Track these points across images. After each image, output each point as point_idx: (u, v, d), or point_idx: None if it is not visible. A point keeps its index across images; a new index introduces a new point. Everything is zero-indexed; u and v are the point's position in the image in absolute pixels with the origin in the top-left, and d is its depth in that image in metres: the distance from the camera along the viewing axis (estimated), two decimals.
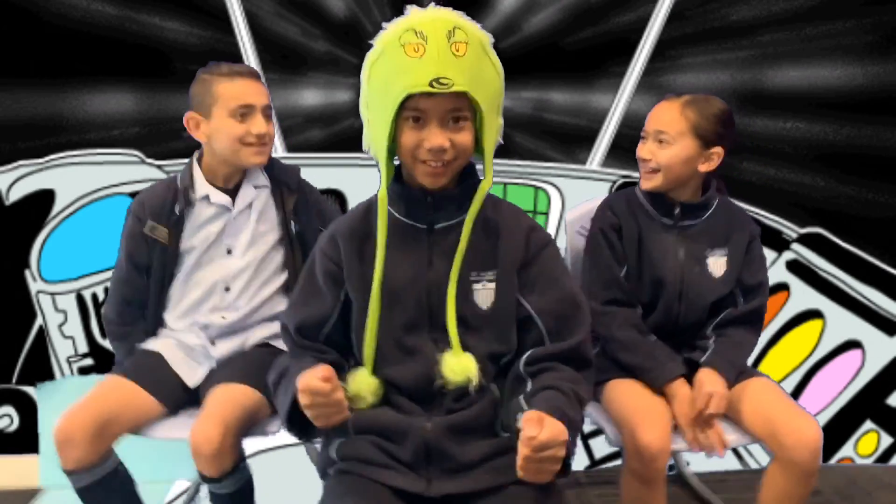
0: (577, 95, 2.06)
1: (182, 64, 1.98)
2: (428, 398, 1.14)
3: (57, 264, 2.05)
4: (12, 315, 2.07)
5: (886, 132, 2.10)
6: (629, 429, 1.41)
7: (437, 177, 1.12)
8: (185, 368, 1.55)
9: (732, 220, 1.61)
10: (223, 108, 1.50)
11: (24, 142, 2.00)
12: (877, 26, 2.04)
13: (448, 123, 1.08)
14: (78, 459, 1.38)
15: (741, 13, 2.03)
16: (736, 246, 1.58)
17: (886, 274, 2.19)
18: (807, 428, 1.38)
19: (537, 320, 1.15)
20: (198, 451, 1.35)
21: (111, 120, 2.00)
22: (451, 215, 1.17)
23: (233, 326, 1.58)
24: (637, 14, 2.03)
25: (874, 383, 2.24)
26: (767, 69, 2.08)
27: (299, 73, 2.01)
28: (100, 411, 1.40)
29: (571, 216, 1.78)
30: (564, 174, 2.09)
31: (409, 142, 1.09)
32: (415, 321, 1.14)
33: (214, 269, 1.58)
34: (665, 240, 1.58)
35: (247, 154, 1.53)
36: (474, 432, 1.12)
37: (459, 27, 1.05)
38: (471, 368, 1.11)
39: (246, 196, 1.58)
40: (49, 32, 1.94)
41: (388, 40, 1.06)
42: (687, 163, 1.52)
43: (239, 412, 1.41)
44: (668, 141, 1.51)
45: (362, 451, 1.13)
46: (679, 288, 1.56)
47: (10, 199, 2.02)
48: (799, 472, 1.38)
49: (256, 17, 1.98)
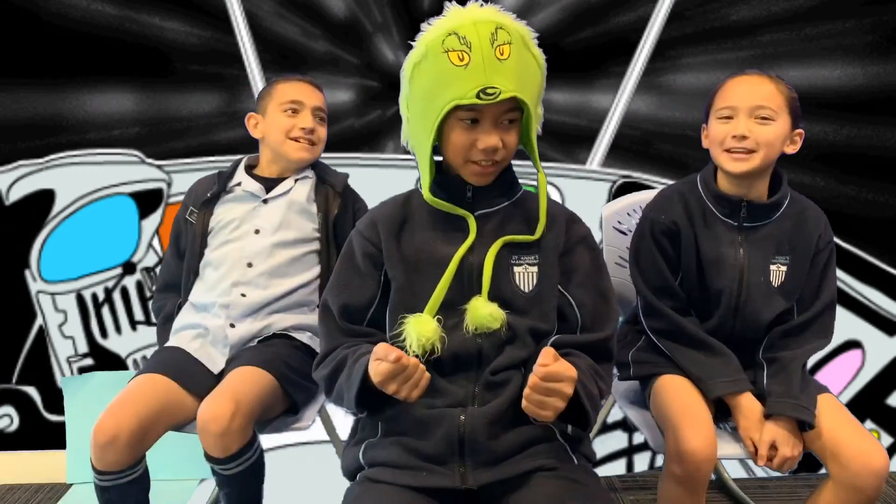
0: (577, 95, 2.06)
1: (182, 64, 1.98)
2: (467, 367, 1.13)
3: (57, 264, 2.06)
4: (12, 315, 2.07)
5: (886, 132, 2.10)
6: (673, 432, 1.32)
7: (487, 176, 1.15)
8: (205, 355, 1.53)
9: (803, 221, 1.44)
10: (276, 104, 1.61)
11: (24, 142, 2.00)
12: (877, 26, 2.04)
13: (500, 124, 1.10)
14: (116, 461, 1.34)
15: (741, 13, 2.03)
16: (801, 253, 1.43)
17: (886, 274, 2.19)
18: (875, 453, 1.28)
19: (577, 311, 1.17)
20: (204, 428, 1.32)
21: (111, 120, 2.01)
22: (491, 203, 1.19)
23: (252, 307, 1.55)
24: (637, 14, 2.03)
25: (874, 383, 2.24)
26: (767, 69, 2.05)
27: (299, 73, 2.01)
28: (144, 411, 1.36)
29: (608, 211, 1.75)
30: (564, 174, 2.09)
31: (460, 142, 1.10)
32: (454, 300, 1.13)
33: (240, 246, 1.58)
34: (725, 244, 1.42)
35: (292, 148, 1.61)
36: (509, 421, 1.11)
37: (502, 26, 1.05)
38: (496, 310, 1.11)
39: (284, 186, 1.63)
40: (49, 32, 1.94)
41: (432, 44, 1.06)
42: (783, 143, 1.39)
43: (252, 394, 1.38)
44: (770, 117, 1.35)
45: (390, 455, 1.11)
46: (736, 301, 1.42)
47: (10, 199, 2.02)
48: (860, 497, 1.29)
49: (256, 17, 1.98)
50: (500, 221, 1.18)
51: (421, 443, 1.10)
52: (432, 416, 1.10)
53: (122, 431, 1.32)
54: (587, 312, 1.17)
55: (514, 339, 1.15)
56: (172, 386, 1.43)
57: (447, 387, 1.13)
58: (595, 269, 1.20)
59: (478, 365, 1.14)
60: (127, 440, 1.33)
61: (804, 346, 1.42)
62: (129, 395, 1.39)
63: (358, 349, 1.13)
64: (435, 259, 1.15)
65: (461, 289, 1.14)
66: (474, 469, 1.08)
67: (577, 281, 1.18)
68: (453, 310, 1.13)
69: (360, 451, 1.15)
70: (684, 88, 2.05)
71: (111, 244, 2.05)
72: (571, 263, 1.18)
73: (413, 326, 1.10)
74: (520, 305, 1.15)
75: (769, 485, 2.12)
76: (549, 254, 1.17)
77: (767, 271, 1.42)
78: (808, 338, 1.44)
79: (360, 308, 1.19)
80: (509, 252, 1.15)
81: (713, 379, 1.39)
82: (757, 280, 1.42)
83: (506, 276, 1.15)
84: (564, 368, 0.99)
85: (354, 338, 1.18)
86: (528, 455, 1.10)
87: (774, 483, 2.13)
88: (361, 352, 1.11)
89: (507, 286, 1.15)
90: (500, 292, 1.14)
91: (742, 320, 1.44)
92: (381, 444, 1.13)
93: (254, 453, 1.41)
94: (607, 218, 1.75)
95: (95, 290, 2.07)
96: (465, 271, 1.14)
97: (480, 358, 1.14)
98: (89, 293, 2.07)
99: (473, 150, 1.10)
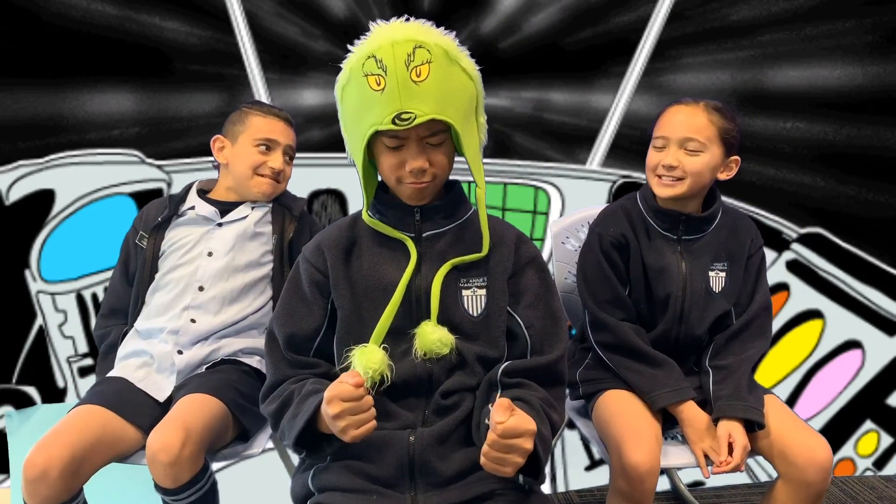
0: (577, 95, 2.06)
1: (182, 64, 1.98)
2: (417, 392, 1.13)
3: (57, 264, 2.05)
4: (12, 315, 2.07)
5: (886, 132, 2.10)
6: (616, 447, 1.35)
7: (421, 194, 1.14)
8: (151, 384, 1.48)
9: (735, 230, 1.53)
10: (249, 136, 1.61)
11: (24, 142, 2.00)
12: (877, 26, 2.04)
13: (426, 145, 1.09)
14: (49, 496, 1.27)
15: (741, 13, 2.03)
16: (736, 259, 1.52)
17: (886, 274, 2.19)
18: (818, 447, 1.33)
19: (525, 334, 1.16)
20: (154, 458, 1.27)
21: (111, 120, 2.00)
22: (437, 224, 1.17)
23: (201, 334, 1.52)
24: (637, 14, 2.03)
25: (874, 383, 2.24)
26: (767, 69, 2.07)
27: (299, 73, 2.01)
28: (76, 443, 1.29)
29: (556, 227, 1.77)
30: (564, 174, 2.08)
31: (388, 165, 1.11)
32: (402, 325, 1.14)
33: (191, 269, 1.55)
34: (668, 255, 1.50)
35: (257, 182, 1.61)
36: (457, 441, 1.10)
37: (421, 45, 1.03)
38: (446, 335, 1.11)
39: (240, 211, 1.61)
40: (49, 32, 1.94)
41: (354, 67, 1.06)
42: (713, 171, 1.45)
43: (203, 421, 1.34)
44: (696, 149, 1.43)
45: (339, 479, 1.09)
46: (681, 307, 1.49)
47: (10, 199, 2.02)
48: (809, 492, 1.34)
49: (256, 17, 1.98)
50: (448, 243, 1.17)
51: (371, 466, 1.09)
52: (382, 439, 1.09)
53: (53, 465, 1.26)
54: (536, 334, 1.16)
55: (464, 366, 1.14)
56: (111, 417, 1.38)
57: (397, 410, 1.12)
58: (545, 289, 1.19)
59: (428, 390, 1.13)
60: (58, 474, 1.26)
61: (747, 351, 1.49)
62: (61, 428, 1.33)
63: (303, 387, 1.11)
64: (382, 285, 1.14)
65: (409, 313, 1.14)
66: (425, 491, 1.07)
67: (526, 302, 1.17)
68: (402, 335, 1.13)
69: (310, 477, 1.13)
70: (684, 88, 2.05)
71: (111, 244, 2.05)
72: (521, 285, 1.18)
73: (359, 358, 1.09)
74: (468, 330, 1.14)
75: (724, 493, 2.14)
76: (498, 276, 1.16)
77: (707, 278, 1.50)
78: (749, 340, 1.50)
79: (306, 338, 1.18)
80: (458, 275, 1.15)
81: (656, 391, 1.43)
82: (699, 287, 1.49)
83: (454, 300, 1.14)
84: (523, 422, 0.94)
85: (300, 369, 1.17)
86: (478, 478, 1.08)
87: (729, 491, 2.15)
88: (307, 391, 1.09)
89: (455, 310, 1.14)
90: (448, 316, 1.13)
91: (687, 326, 1.50)
92: (331, 468, 1.11)
93: (206, 482, 1.36)
94: (556, 234, 1.77)
95: (95, 290, 2.07)
96: (413, 295, 1.14)
97: (431, 383, 1.13)
98: (89, 293, 2.07)
99: (402, 171, 1.10)
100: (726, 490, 2.16)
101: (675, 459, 1.43)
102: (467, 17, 2.01)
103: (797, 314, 2.21)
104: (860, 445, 2.27)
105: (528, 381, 1.12)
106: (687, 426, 1.42)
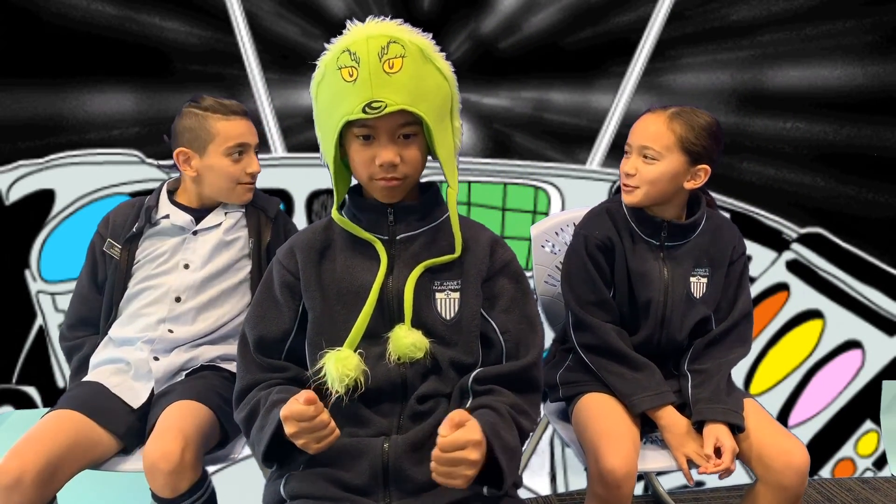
0: (577, 95, 2.06)
1: (182, 64, 1.98)
2: (392, 397, 1.12)
3: (57, 264, 2.05)
4: (12, 315, 2.07)
5: (886, 132, 2.10)
6: (594, 451, 1.34)
7: (393, 191, 1.12)
8: (126, 390, 1.45)
9: (718, 237, 1.52)
10: (219, 146, 1.51)
11: (24, 142, 2.00)
12: (877, 26, 2.04)
13: (398, 139, 1.08)
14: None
15: (741, 13, 2.03)
16: (717, 265, 1.51)
17: (886, 274, 2.19)
18: (795, 451, 1.34)
19: (501, 339, 1.15)
20: (153, 466, 1.24)
21: (111, 120, 2.00)
22: (411, 226, 1.16)
23: (178, 342, 1.50)
24: (637, 14, 2.03)
25: (874, 383, 2.24)
26: (767, 69, 2.08)
27: (299, 73, 2.01)
28: (51, 449, 1.27)
29: (537, 230, 1.76)
30: (564, 174, 2.09)
31: (360, 159, 1.10)
32: (376, 329, 1.12)
33: (168, 281, 1.52)
34: (650, 261, 1.49)
35: (240, 191, 1.56)
36: (432, 447, 1.07)
37: (395, 40, 1.03)
38: (420, 339, 1.10)
39: (215, 218, 1.57)
40: (49, 32, 1.94)
41: (329, 62, 1.07)
42: (673, 180, 1.43)
43: (197, 427, 1.33)
44: (653, 157, 1.42)
45: (313, 487, 1.07)
46: (662, 312, 1.49)
47: (10, 199, 2.02)
48: (786, 495, 1.34)
49: (256, 17, 1.98)
50: (422, 245, 1.15)
51: (345, 473, 1.07)
52: (356, 447, 1.08)
53: (27, 472, 1.23)
54: (511, 339, 1.14)
55: (439, 371, 1.13)
56: (85, 422, 1.35)
57: (372, 417, 1.11)
58: (520, 294, 1.17)
59: (403, 395, 1.12)
60: (32, 481, 1.23)
61: (727, 356, 1.49)
62: (35, 434, 1.30)
63: (269, 395, 1.10)
64: (354, 288, 1.13)
65: (382, 316, 1.12)
66: (399, 499, 1.06)
67: (501, 307, 1.16)
68: (376, 339, 1.12)
69: (282, 485, 1.11)
70: (684, 88, 2.06)
71: None
72: (496, 289, 1.16)
73: (333, 363, 1.07)
74: (442, 333, 1.13)
75: (703, 496, 2.13)
76: (472, 279, 1.15)
77: (688, 283, 1.50)
78: (729, 346, 1.51)
79: (276, 340, 1.17)
80: (431, 277, 1.14)
81: (636, 395, 1.43)
82: (680, 293, 1.49)
83: (427, 303, 1.13)
84: (467, 434, 0.93)
85: (270, 372, 1.16)
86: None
87: (708, 495, 2.14)
88: (272, 401, 1.08)
89: (428, 313, 1.13)
90: (422, 319, 1.12)
91: (668, 331, 1.50)
92: (304, 476, 1.09)
93: (205, 491, 1.34)
94: (536, 237, 1.76)
95: None
96: (387, 298, 1.13)
97: (405, 387, 1.12)
98: None
99: (373, 167, 1.08)
100: (706, 493, 2.14)
101: (652, 463, 1.42)
102: (467, 17, 2.01)
103: (797, 314, 2.21)
104: (860, 445, 2.27)
105: (499, 387, 1.10)
106: (667, 432, 1.42)
